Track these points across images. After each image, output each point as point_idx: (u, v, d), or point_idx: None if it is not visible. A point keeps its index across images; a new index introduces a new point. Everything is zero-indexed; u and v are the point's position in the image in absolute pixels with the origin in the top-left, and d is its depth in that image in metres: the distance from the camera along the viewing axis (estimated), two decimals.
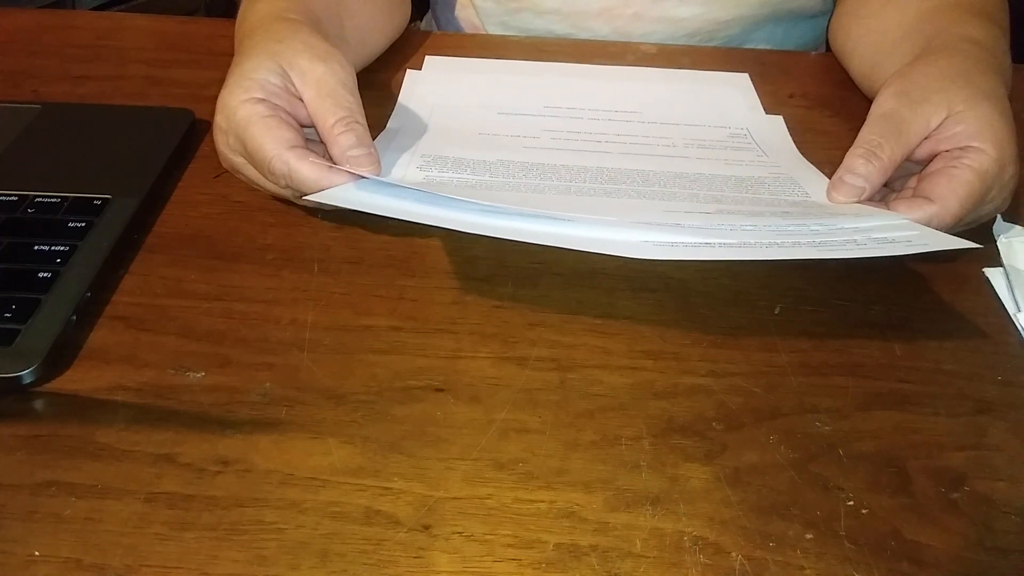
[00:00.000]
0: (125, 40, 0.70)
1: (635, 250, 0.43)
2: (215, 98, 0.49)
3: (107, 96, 0.62)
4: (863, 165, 0.48)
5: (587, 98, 0.64)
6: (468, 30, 0.78)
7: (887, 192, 0.51)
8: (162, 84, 0.64)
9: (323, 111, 0.49)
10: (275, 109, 0.48)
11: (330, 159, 0.48)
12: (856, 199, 0.49)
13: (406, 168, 0.52)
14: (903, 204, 0.47)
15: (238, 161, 0.49)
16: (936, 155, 0.49)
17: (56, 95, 0.62)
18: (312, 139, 0.50)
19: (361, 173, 0.48)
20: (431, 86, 0.65)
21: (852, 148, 0.49)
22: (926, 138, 0.49)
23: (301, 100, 0.50)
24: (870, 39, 0.63)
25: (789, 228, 0.46)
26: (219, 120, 0.49)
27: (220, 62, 0.53)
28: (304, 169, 0.46)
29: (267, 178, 0.48)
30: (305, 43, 0.51)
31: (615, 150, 0.57)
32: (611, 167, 0.54)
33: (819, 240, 0.45)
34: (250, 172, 0.49)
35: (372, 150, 0.49)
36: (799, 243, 0.44)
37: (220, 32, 0.70)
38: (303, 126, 0.50)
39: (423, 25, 0.85)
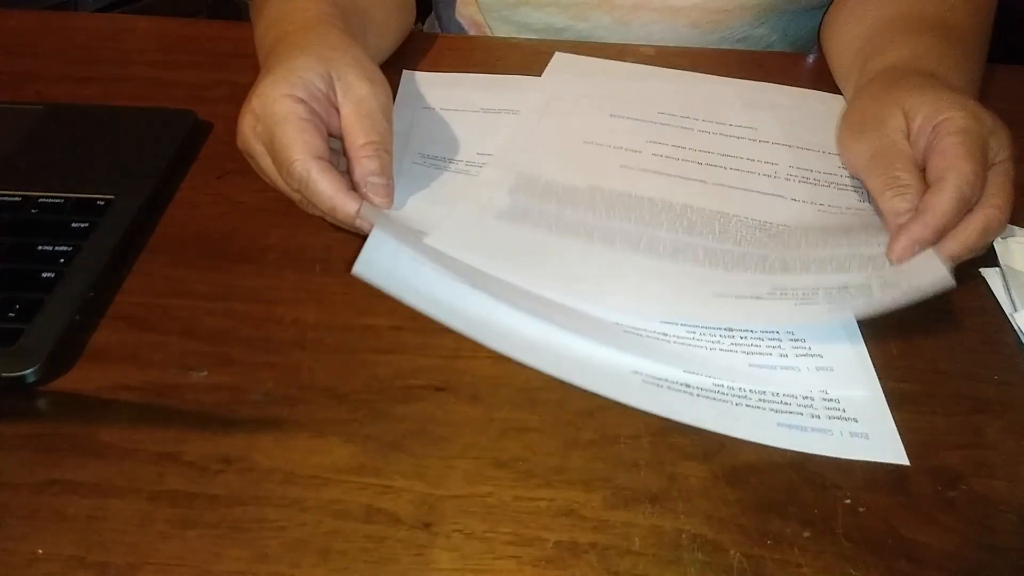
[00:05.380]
0: (128, 42, 0.70)
1: (622, 389, 0.41)
2: (217, 99, 0.50)
3: (110, 97, 0.62)
4: (908, 213, 0.46)
5: (704, 109, 0.62)
6: (470, 26, 0.78)
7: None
8: (165, 85, 0.64)
9: (357, 129, 0.49)
10: (313, 114, 0.48)
11: (349, 175, 0.48)
12: (922, 250, 0.46)
13: (495, 189, 0.52)
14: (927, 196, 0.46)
15: (257, 149, 0.49)
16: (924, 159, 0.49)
17: (59, 96, 0.62)
18: (335, 150, 0.50)
19: (374, 202, 0.48)
20: (565, 80, 0.65)
21: (883, 201, 0.47)
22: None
23: (338, 111, 0.50)
24: (840, 48, 0.64)
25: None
26: (255, 104, 0.48)
27: (222, 64, 0.53)
28: (323, 183, 0.46)
29: (282, 176, 0.48)
30: (356, 59, 0.51)
31: (711, 178, 0.55)
32: (696, 207, 0.52)
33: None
34: (264, 163, 0.49)
35: (390, 182, 0.49)
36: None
37: (222, 34, 0.70)
38: (331, 135, 0.50)
39: (425, 26, 0.86)
